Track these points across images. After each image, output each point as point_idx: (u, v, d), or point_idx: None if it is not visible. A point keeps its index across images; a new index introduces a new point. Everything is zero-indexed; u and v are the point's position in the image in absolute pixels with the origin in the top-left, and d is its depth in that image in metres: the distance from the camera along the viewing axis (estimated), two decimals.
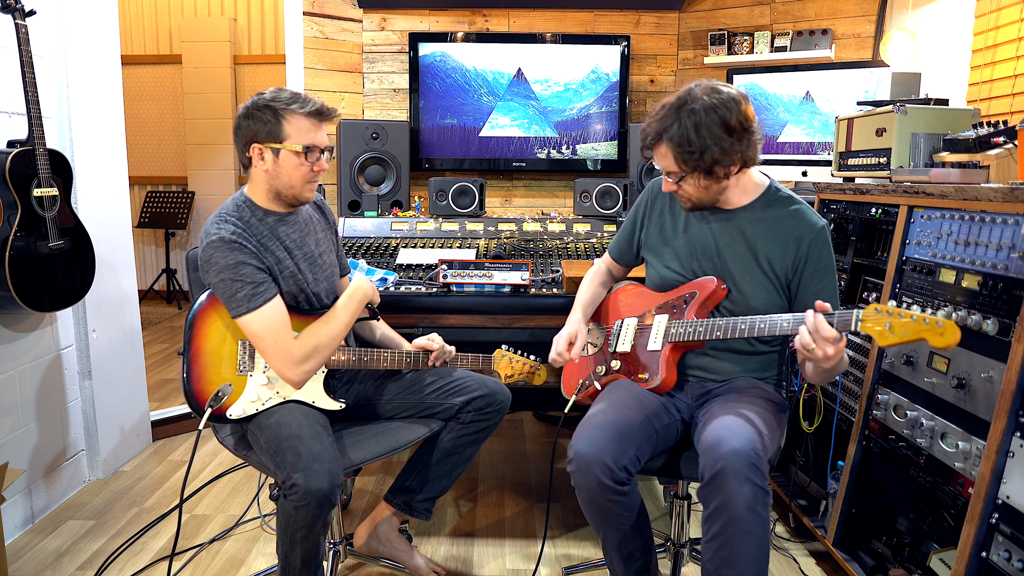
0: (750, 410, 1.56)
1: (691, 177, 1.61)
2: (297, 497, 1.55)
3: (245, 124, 1.69)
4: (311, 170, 1.72)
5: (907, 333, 1.31)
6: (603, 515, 1.58)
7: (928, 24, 2.71)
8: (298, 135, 1.69)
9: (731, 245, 1.70)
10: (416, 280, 2.33)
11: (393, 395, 1.98)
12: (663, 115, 1.59)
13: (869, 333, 1.37)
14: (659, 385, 1.68)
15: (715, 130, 1.54)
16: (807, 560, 2.20)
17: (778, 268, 1.67)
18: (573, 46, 3.32)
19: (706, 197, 1.66)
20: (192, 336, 1.76)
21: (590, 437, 1.54)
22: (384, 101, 3.48)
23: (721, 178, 1.61)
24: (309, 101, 1.70)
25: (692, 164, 1.58)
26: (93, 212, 2.62)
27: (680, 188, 1.65)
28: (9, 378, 2.30)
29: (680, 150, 1.57)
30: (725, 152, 1.56)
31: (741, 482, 1.39)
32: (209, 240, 1.66)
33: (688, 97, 1.58)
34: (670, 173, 1.64)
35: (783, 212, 1.68)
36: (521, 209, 3.55)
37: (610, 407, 1.64)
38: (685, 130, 1.54)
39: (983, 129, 1.76)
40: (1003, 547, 1.44)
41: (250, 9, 5.93)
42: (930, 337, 1.29)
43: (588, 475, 1.51)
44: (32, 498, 2.40)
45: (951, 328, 1.26)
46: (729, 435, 1.45)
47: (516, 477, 2.80)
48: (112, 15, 2.77)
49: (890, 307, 1.35)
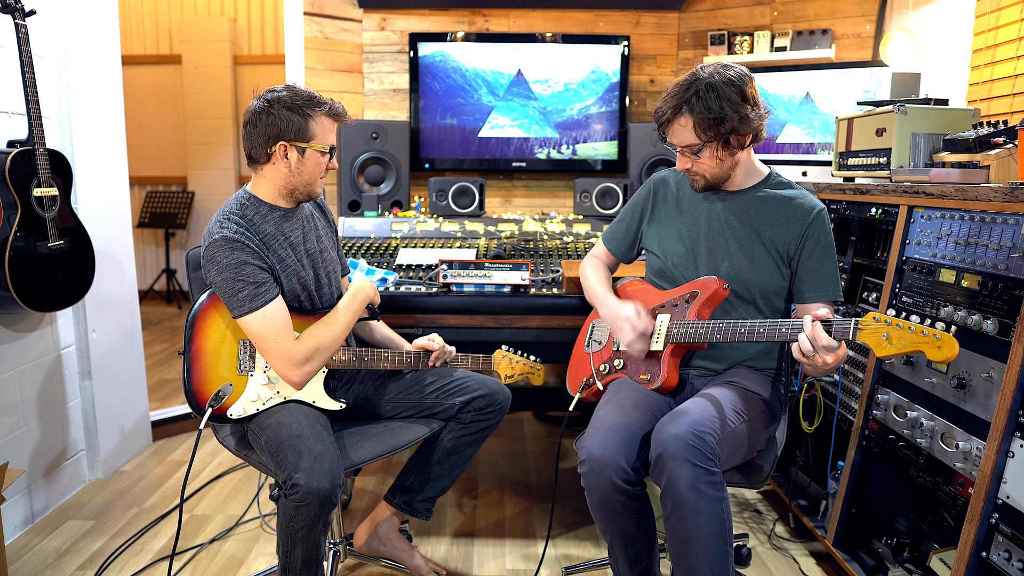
0: (717, 395, 1.59)
1: (709, 148, 1.65)
2: (298, 497, 1.55)
3: (268, 120, 1.68)
4: (326, 168, 1.77)
5: (905, 344, 1.31)
6: (612, 516, 1.59)
7: (928, 24, 2.71)
8: (323, 135, 1.73)
9: (734, 225, 1.74)
10: (416, 280, 2.33)
11: (393, 395, 1.98)
12: (678, 91, 1.64)
13: (866, 343, 1.37)
14: (660, 386, 1.68)
15: (734, 98, 1.60)
16: (807, 560, 2.20)
17: (780, 247, 1.71)
18: (573, 46, 3.32)
19: (720, 172, 1.70)
20: (193, 336, 1.76)
21: (603, 439, 1.55)
22: (384, 101, 3.48)
23: (735, 150, 1.67)
24: (328, 102, 1.74)
25: (712, 132, 1.62)
26: (93, 212, 2.62)
27: (695, 163, 1.68)
28: (9, 378, 2.30)
29: (701, 118, 1.61)
30: (742, 120, 1.62)
31: (680, 463, 1.42)
32: (212, 239, 1.66)
33: (700, 73, 1.63)
34: (688, 147, 1.66)
35: (784, 194, 1.74)
36: (521, 209, 3.55)
37: (619, 408, 1.64)
38: (706, 99, 1.60)
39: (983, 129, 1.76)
40: (1003, 547, 1.44)
41: (250, 9, 5.93)
42: (927, 350, 1.29)
43: (602, 477, 1.52)
44: (32, 498, 2.40)
45: (949, 342, 1.26)
46: (670, 420, 1.50)
47: (516, 477, 2.80)
48: (112, 15, 2.77)
49: (889, 316, 1.35)
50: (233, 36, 5.88)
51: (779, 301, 1.76)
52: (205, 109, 5.88)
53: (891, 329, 1.34)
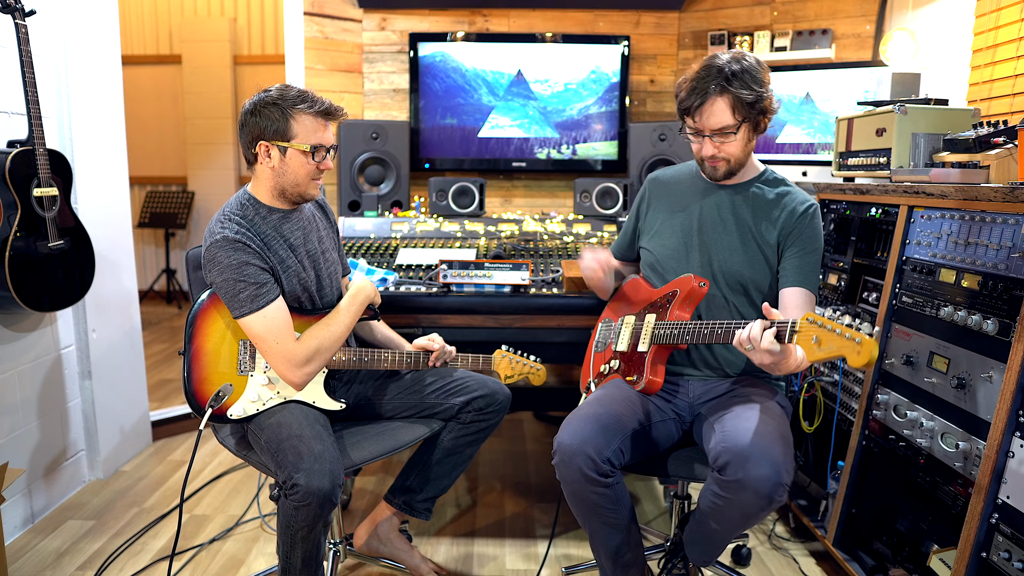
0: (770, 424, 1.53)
1: (742, 129, 1.66)
2: (298, 497, 1.55)
3: (252, 120, 1.69)
4: (316, 169, 1.73)
5: (831, 348, 1.25)
6: (588, 508, 1.59)
7: (928, 24, 2.71)
8: (305, 134, 1.69)
9: (727, 219, 1.77)
10: (416, 280, 2.33)
11: (393, 395, 1.98)
12: (708, 75, 1.63)
13: (801, 346, 1.32)
14: (644, 387, 1.66)
15: (762, 79, 1.64)
16: (807, 560, 2.20)
17: (771, 241, 1.73)
18: (573, 46, 3.32)
19: (743, 157, 1.73)
20: (193, 336, 1.76)
21: (574, 429, 1.57)
22: (384, 101, 3.48)
23: (759, 133, 1.71)
24: (317, 100, 1.70)
25: (746, 112, 1.64)
26: (93, 212, 2.62)
27: (723, 147, 1.68)
28: (9, 378, 2.30)
29: (739, 98, 1.62)
30: (771, 103, 1.66)
31: (760, 498, 1.41)
32: (213, 239, 1.66)
33: (721, 59, 1.64)
34: (721, 129, 1.65)
35: (776, 190, 1.77)
36: (521, 209, 3.55)
37: (596, 401, 1.67)
38: (742, 79, 1.62)
39: (983, 129, 1.76)
40: (1003, 547, 1.44)
41: (250, 9, 5.92)
42: (848, 355, 1.22)
43: (571, 466, 1.53)
44: (32, 498, 2.40)
45: (868, 346, 1.20)
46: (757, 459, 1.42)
47: (516, 477, 2.80)
48: (112, 15, 2.77)
49: (823, 318, 1.29)
50: (233, 36, 5.87)
51: (773, 293, 1.77)
52: (205, 109, 5.88)
53: (820, 331, 1.28)
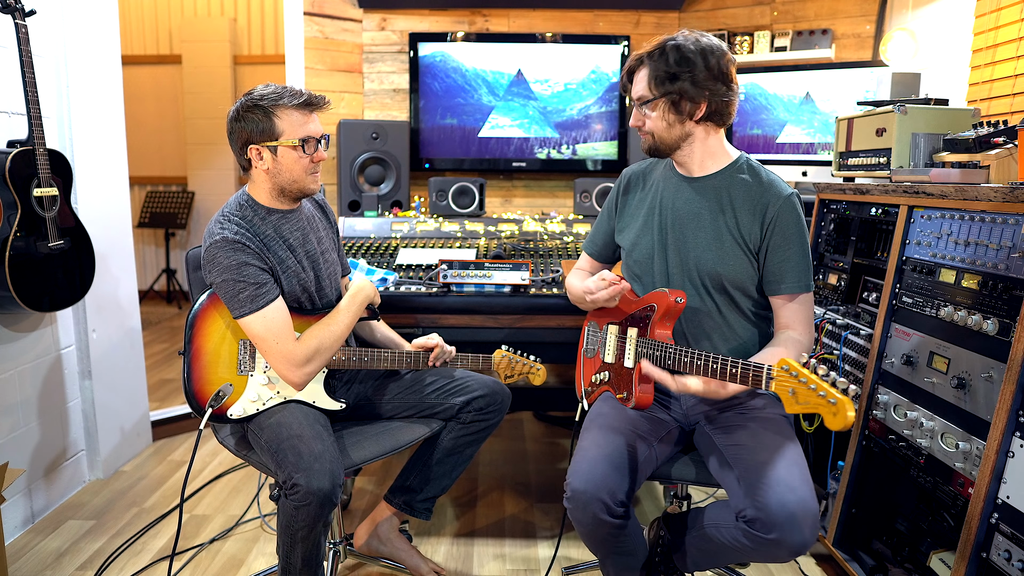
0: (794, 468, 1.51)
1: (659, 104, 1.63)
2: (298, 497, 1.55)
3: (238, 127, 1.69)
4: (311, 161, 1.72)
5: (808, 404, 1.21)
6: (602, 544, 1.60)
7: (928, 24, 2.71)
8: (292, 129, 1.68)
9: (701, 213, 1.68)
10: (416, 280, 2.33)
11: (393, 395, 1.98)
12: (649, 47, 1.66)
13: (778, 395, 1.28)
14: (635, 405, 1.61)
15: (696, 63, 1.58)
16: (807, 560, 2.20)
17: (747, 235, 1.64)
18: (573, 46, 3.32)
19: (667, 138, 1.66)
20: (193, 336, 1.76)
21: (586, 473, 1.52)
22: (384, 101, 3.48)
23: (685, 117, 1.63)
24: (296, 93, 1.69)
25: (663, 89, 1.61)
26: (93, 212, 2.62)
27: (645, 121, 1.67)
28: (9, 378, 2.30)
29: (655, 71, 1.61)
30: (696, 84, 1.59)
31: (793, 553, 1.40)
32: (212, 240, 1.66)
33: (676, 35, 1.64)
34: (639, 99, 1.67)
35: (752, 181, 1.67)
36: (521, 209, 3.55)
37: (601, 437, 1.60)
38: (667, 55, 1.60)
39: (983, 129, 1.76)
40: (1003, 547, 1.44)
41: (250, 9, 5.92)
42: (824, 415, 1.18)
43: (586, 512, 1.51)
44: (32, 498, 2.40)
45: (843, 407, 1.15)
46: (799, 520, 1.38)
47: (516, 477, 2.80)
48: (112, 15, 2.77)
49: (799, 367, 1.24)
50: (233, 36, 5.87)
51: (755, 291, 1.69)
52: (205, 109, 5.87)
53: (796, 384, 1.24)
